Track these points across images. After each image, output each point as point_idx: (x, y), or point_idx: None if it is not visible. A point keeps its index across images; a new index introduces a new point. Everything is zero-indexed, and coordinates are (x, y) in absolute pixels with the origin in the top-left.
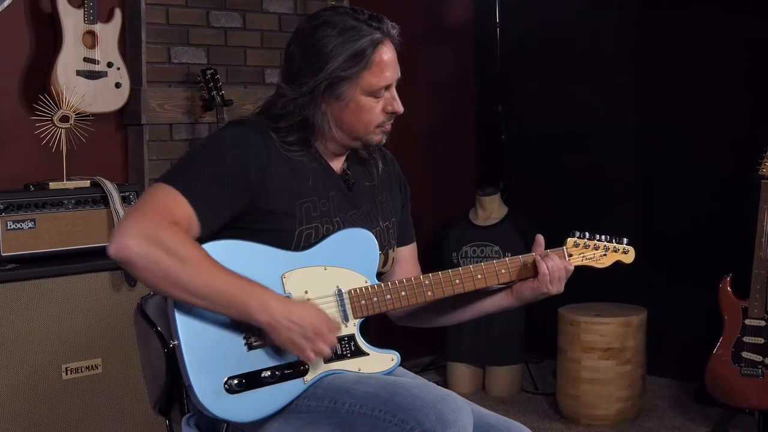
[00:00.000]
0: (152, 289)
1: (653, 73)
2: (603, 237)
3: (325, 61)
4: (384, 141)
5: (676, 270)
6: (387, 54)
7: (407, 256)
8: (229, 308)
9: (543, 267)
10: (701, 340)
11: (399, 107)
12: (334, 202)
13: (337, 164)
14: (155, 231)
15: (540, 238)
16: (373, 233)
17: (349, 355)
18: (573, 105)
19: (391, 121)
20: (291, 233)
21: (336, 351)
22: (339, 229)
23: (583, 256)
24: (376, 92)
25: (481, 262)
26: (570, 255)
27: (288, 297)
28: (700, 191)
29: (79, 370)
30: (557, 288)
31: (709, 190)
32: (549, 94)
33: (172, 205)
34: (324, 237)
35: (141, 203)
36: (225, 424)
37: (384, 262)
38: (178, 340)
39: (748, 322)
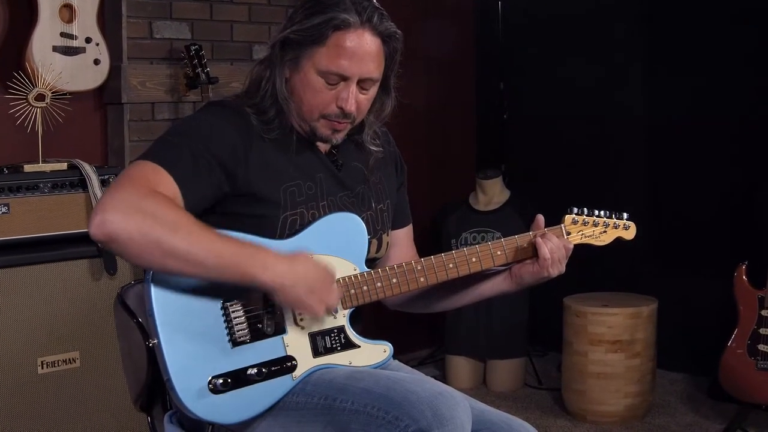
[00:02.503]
0: (143, 265)
1: (663, 48)
2: (602, 213)
3: (291, 22)
4: (335, 141)
5: (688, 257)
6: (352, 42)
7: (404, 238)
8: (228, 272)
9: (544, 251)
10: (715, 331)
11: (348, 105)
12: (322, 185)
13: (323, 145)
14: (137, 200)
15: (540, 219)
16: (365, 217)
17: (339, 348)
18: (579, 82)
19: (343, 121)
20: (275, 219)
21: (325, 344)
22: (327, 212)
23: (582, 234)
24: (327, 76)
25: None
26: (568, 233)
27: (283, 253)
28: (713, 173)
29: (56, 364)
30: (558, 270)
31: (724, 172)
32: (553, 70)
33: (154, 176)
34: (309, 223)
35: (119, 178)
36: (209, 427)
37: (378, 247)
38: (158, 338)
39: (764, 312)
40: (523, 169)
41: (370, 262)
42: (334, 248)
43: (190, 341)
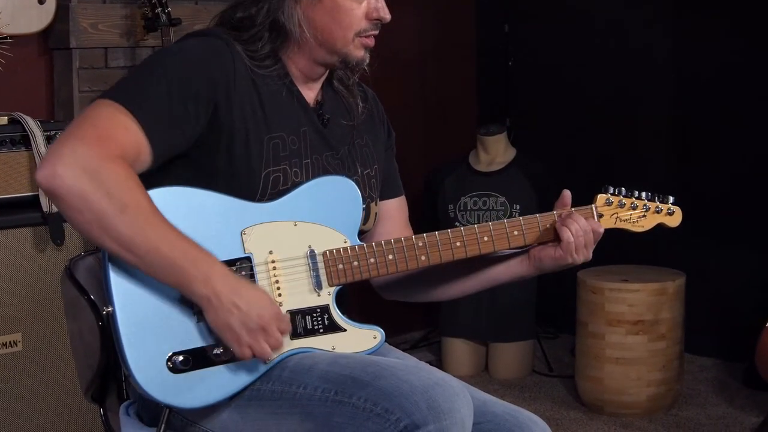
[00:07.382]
0: (81, 233)
1: None
2: (643, 194)
3: None
4: (367, 60)
5: (720, 226)
6: None
7: (393, 211)
8: (165, 272)
9: (566, 234)
10: (750, 311)
11: (385, 13)
12: (306, 141)
13: (310, 93)
14: (97, 164)
15: (566, 196)
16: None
17: (321, 330)
18: (595, 24)
19: (376, 33)
20: (256, 176)
21: (305, 325)
22: (310, 173)
23: (617, 217)
24: None
25: (483, 215)
26: (600, 215)
27: (242, 277)
28: (748, 131)
29: None
30: (584, 256)
31: (760, 129)
32: (565, 10)
33: (120, 130)
34: (294, 184)
35: (81, 123)
36: (166, 411)
37: (365, 217)
38: (113, 305)
39: None
40: (530, 124)
41: (358, 235)
42: (322, 216)
43: (150, 311)
